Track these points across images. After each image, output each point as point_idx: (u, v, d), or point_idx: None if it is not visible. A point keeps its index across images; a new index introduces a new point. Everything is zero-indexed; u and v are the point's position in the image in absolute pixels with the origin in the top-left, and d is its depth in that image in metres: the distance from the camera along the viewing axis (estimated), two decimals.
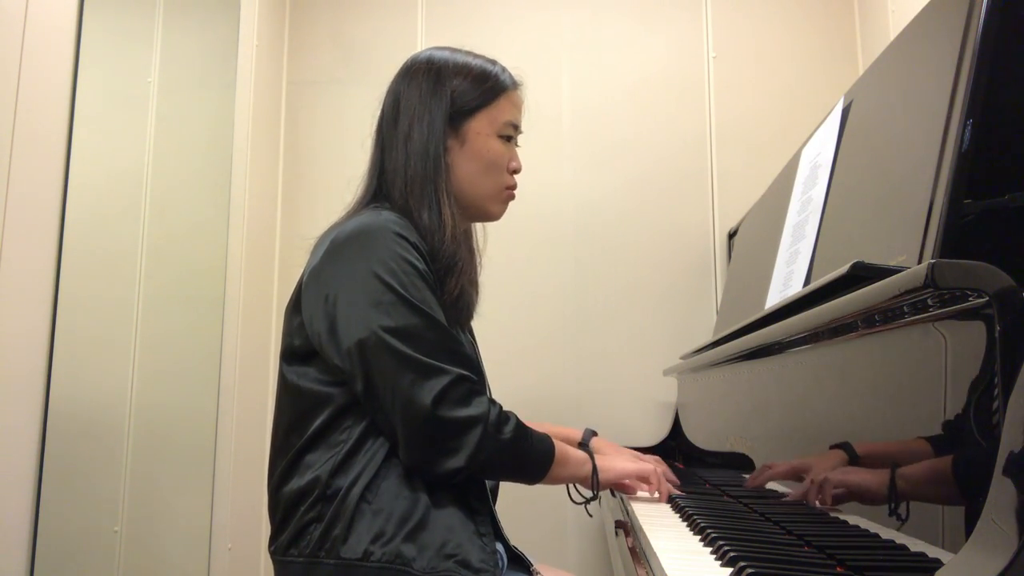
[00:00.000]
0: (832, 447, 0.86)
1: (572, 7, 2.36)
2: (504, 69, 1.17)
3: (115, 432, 1.82)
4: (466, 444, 0.96)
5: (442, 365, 0.97)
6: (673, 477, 1.30)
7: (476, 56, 1.17)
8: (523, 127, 1.19)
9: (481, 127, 1.13)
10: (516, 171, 1.18)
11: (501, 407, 1.02)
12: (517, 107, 1.18)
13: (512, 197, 1.19)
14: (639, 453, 1.36)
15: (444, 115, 1.11)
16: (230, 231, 2.02)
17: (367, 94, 2.35)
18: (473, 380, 1.00)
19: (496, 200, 1.17)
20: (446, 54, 1.16)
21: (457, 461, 0.96)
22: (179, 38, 2.05)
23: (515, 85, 1.18)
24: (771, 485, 1.07)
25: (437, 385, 0.95)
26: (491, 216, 1.18)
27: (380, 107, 1.17)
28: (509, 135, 1.16)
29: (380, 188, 1.13)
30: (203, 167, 2.09)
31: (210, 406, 1.95)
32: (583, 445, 1.38)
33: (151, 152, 1.94)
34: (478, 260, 1.22)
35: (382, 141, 1.15)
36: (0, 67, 1.40)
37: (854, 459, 0.80)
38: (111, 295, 1.83)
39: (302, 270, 1.09)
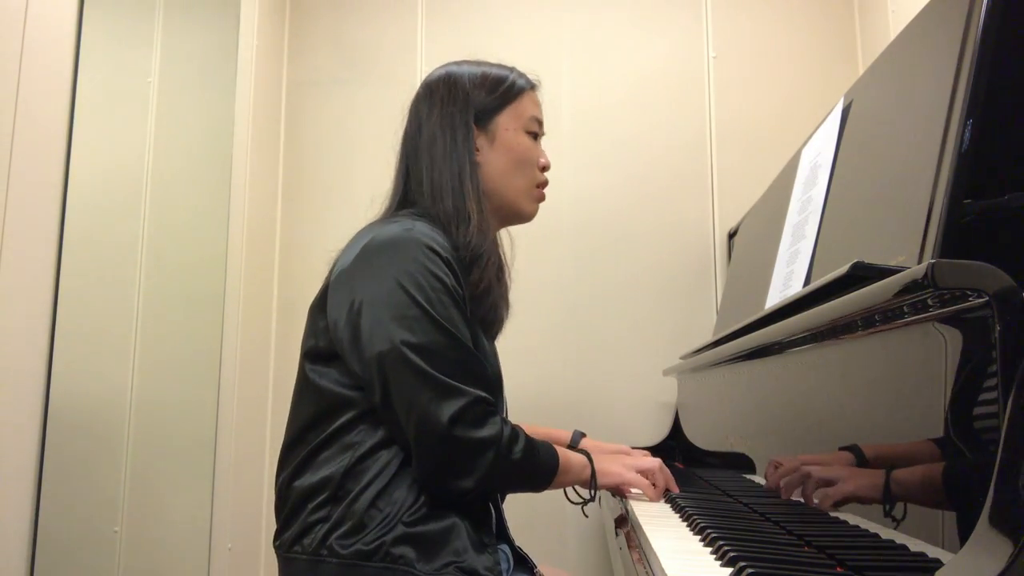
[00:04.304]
0: (831, 447, 0.85)
1: (572, 7, 2.36)
2: (522, 73, 1.20)
3: (115, 431, 1.82)
4: (478, 467, 0.96)
5: (461, 386, 0.96)
6: (674, 486, 1.29)
7: (492, 64, 1.20)
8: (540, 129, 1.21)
9: (508, 123, 1.15)
10: (546, 168, 1.19)
11: (512, 426, 1.01)
12: (538, 106, 1.21)
13: (543, 197, 1.20)
14: (628, 450, 1.34)
15: (468, 117, 1.13)
16: (230, 231, 2.02)
17: (367, 94, 2.39)
18: (490, 402, 0.99)
19: (528, 198, 1.18)
20: (463, 67, 1.18)
21: (467, 482, 0.96)
22: (179, 38, 2.05)
23: (533, 86, 1.20)
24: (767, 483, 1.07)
25: (455, 405, 0.94)
26: (524, 215, 1.19)
27: (403, 127, 1.18)
28: (535, 132, 1.18)
29: (407, 195, 1.14)
30: (203, 167, 2.09)
31: (210, 405, 1.95)
32: (572, 447, 1.36)
33: (151, 152, 1.94)
34: (508, 274, 1.21)
35: (406, 154, 1.16)
36: (0, 67, 1.40)
37: (854, 459, 0.80)
38: (111, 294, 1.83)
39: (329, 269, 1.09)
